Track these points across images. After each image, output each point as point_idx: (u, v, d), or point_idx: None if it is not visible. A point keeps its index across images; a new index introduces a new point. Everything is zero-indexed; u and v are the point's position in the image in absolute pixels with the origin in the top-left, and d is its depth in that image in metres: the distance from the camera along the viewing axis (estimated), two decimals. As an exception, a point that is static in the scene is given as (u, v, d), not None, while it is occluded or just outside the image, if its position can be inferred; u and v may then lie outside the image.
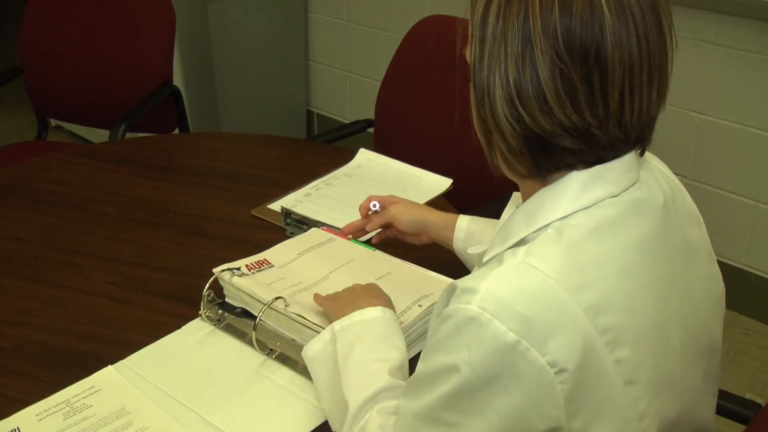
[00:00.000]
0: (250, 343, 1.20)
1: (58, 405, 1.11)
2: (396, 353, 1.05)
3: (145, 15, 2.33)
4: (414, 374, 0.88)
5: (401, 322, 1.17)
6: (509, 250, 0.83)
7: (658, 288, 0.84)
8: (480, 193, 1.82)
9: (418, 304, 1.21)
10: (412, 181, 1.67)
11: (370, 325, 1.08)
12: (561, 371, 0.76)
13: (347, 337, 1.07)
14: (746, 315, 2.52)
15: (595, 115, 0.78)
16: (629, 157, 0.84)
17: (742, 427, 1.10)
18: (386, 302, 1.14)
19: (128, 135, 2.15)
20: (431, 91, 2.00)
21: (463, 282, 0.81)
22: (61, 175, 1.74)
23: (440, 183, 1.65)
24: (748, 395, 2.25)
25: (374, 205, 1.36)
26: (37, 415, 1.09)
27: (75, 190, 1.68)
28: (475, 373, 0.77)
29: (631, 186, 0.85)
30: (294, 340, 1.19)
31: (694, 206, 0.96)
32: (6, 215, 1.58)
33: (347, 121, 3.09)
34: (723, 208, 2.50)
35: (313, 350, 1.09)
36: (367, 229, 1.39)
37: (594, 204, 0.82)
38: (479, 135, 0.86)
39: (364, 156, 1.76)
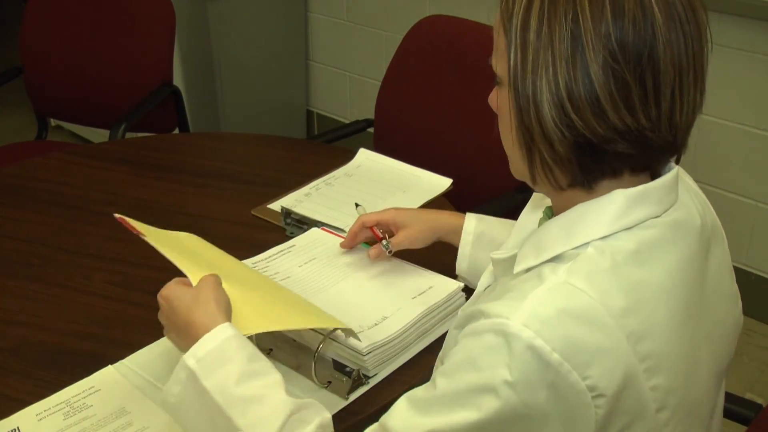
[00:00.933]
0: (250, 343, 1.20)
1: (58, 405, 1.11)
2: (276, 373, 0.94)
3: (145, 15, 2.33)
4: (432, 390, 0.81)
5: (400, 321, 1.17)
6: (548, 266, 0.80)
7: (691, 313, 0.83)
8: (480, 193, 1.82)
9: (417, 300, 1.21)
10: (412, 180, 1.67)
11: (230, 349, 0.93)
12: (599, 396, 0.74)
13: (211, 370, 0.92)
14: (746, 315, 2.50)
15: (649, 117, 0.75)
16: (672, 176, 0.82)
17: (742, 427, 1.10)
18: (224, 309, 0.98)
19: (128, 135, 2.15)
20: (431, 91, 2.00)
21: (499, 302, 0.77)
22: (61, 175, 1.74)
23: (440, 183, 1.65)
24: (748, 395, 2.25)
25: (386, 245, 1.29)
26: (37, 415, 1.09)
27: (75, 189, 1.68)
28: (516, 395, 0.74)
29: (671, 206, 0.83)
30: (294, 340, 1.19)
31: (718, 222, 0.93)
32: (6, 215, 1.58)
33: (347, 121, 3.09)
34: (723, 208, 2.49)
35: (173, 394, 0.95)
36: (372, 255, 1.31)
37: (636, 225, 0.80)
38: (516, 146, 0.81)
39: (364, 156, 1.76)
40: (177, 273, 1.39)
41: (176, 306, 0.99)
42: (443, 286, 1.26)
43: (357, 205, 1.41)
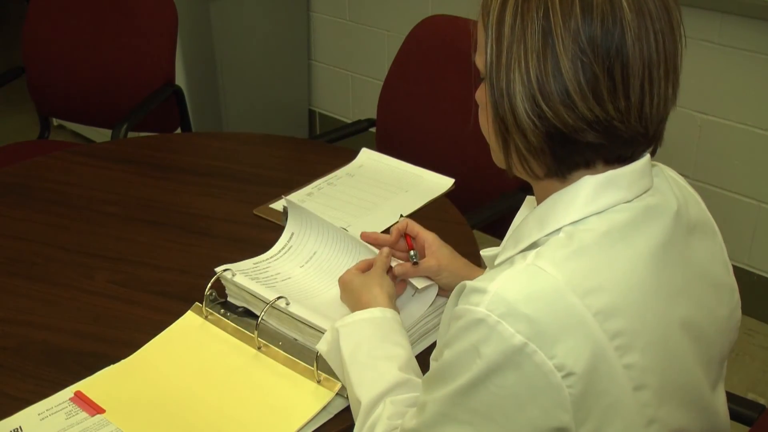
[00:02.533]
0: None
1: (60, 404, 1.11)
2: (401, 350, 1.06)
3: (148, 14, 2.33)
4: (430, 370, 0.88)
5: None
6: (520, 254, 0.83)
7: (669, 295, 0.84)
8: (482, 193, 1.82)
9: (417, 297, 1.22)
10: (414, 180, 1.67)
11: (371, 325, 1.09)
12: (569, 375, 0.75)
13: (350, 335, 1.08)
14: (748, 315, 2.52)
15: (618, 109, 0.78)
16: (642, 163, 0.84)
17: (743, 427, 1.10)
18: (387, 299, 1.13)
19: (130, 134, 2.15)
20: (433, 91, 2.00)
21: (473, 282, 0.81)
22: (64, 174, 1.74)
23: (442, 183, 1.65)
24: (750, 395, 2.25)
25: (414, 255, 1.20)
26: (39, 414, 1.09)
27: (77, 189, 1.68)
28: (483, 374, 0.77)
29: (644, 192, 0.85)
30: (296, 340, 1.19)
31: (709, 215, 0.95)
32: (8, 214, 1.58)
33: (349, 121, 3.09)
34: (725, 208, 2.49)
35: (322, 350, 1.10)
36: (396, 273, 1.20)
37: (606, 209, 0.82)
38: (494, 136, 0.85)
39: (366, 155, 1.76)
40: (178, 271, 1.40)
41: (350, 289, 1.17)
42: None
43: (401, 216, 1.33)
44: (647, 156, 0.86)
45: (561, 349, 0.75)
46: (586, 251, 0.80)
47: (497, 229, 1.91)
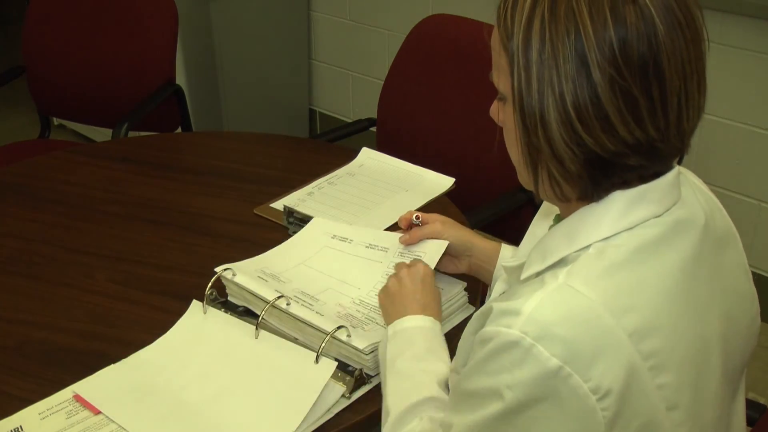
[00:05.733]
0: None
1: (60, 404, 1.11)
2: (443, 366, 1.04)
3: (148, 14, 2.33)
4: (457, 389, 0.86)
5: None
6: (550, 271, 0.81)
7: (699, 310, 0.83)
8: (482, 192, 1.82)
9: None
10: (415, 180, 1.67)
11: (420, 335, 1.08)
12: (603, 397, 0.74)
13: (397, 342, 1.07)
14: (749, 315, 2.52)
15: (658, 128, 0.76)
16: (673, 175, 0.82)
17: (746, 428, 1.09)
18: (436, 311, 1.13)
19: (131, 134, 2.15)
20: (434, 90, 2.00)
21: (503, 304, 0.78)
22: (64, 173, 1.74)
23: (442, 182, 1.64)
24: (750, 395, 2.25)
25: (417, 218, 1.28)
26: (39, 414, 1.09)
27: (78, 188, 1.68)
28: (516, 398, 0.75)
29: (673, 205, 0.83)
30: (296, 339, 1.19)
31: (731, 223, 0.93)
32: (9, 213, 1.58)
33: (350, 120, 3.09)
34: (726, 207, 2.49)
35: (379, 352, 1.11)
36: (401, 241, 1.29)
37: (637, 224, 0.80)
38: (523, 163, 0.81)
39: (367, 155, 1.76)
40: (179, 271, 1.40)
41: (401, 289, 1.14)
42: (445, 286, 1.26)
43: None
44: (677, 168, 0.84)
45: (596, 371, 0.74)
46: (618, 269, 0.78)
47: (497, 229, 1.91)
